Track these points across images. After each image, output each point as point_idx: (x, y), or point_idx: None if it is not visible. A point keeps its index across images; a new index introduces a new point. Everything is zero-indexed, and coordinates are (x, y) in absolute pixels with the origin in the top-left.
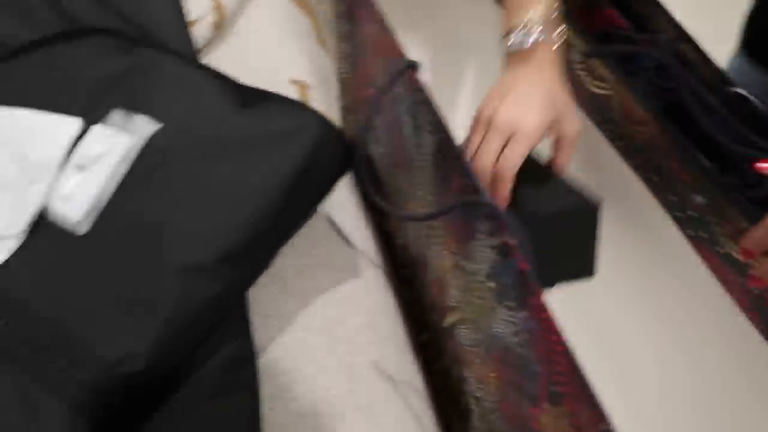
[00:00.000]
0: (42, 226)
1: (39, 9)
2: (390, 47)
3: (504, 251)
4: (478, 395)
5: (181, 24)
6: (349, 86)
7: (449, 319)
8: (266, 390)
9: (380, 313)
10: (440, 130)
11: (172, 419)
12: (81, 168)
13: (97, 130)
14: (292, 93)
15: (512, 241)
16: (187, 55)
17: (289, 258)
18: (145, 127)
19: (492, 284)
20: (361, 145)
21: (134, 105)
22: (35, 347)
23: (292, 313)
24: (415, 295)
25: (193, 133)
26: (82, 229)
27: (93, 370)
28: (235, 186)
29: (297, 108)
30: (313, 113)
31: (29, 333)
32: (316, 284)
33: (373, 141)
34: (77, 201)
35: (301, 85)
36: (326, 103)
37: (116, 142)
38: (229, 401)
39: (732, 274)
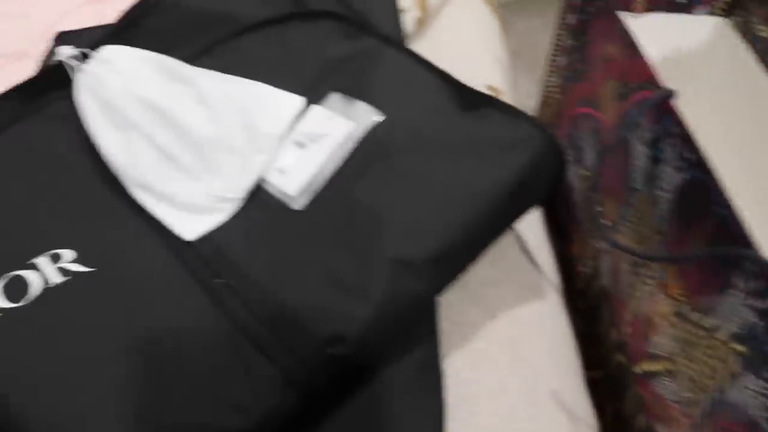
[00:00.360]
0: (258, 196)
1: None
2: (638, 71)
3: None
4: None
5: (395, 16)
6: (555, 101)
7: (647, 366)
8: (449, 398)
9: (561, 340)
10: (698, 167)
11: (361, 411)
12: (300, 145)
13: (318, 110)
14: None
15: None
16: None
17: (476, 268)
18: (366, 115)
19: (741, 348)
20: None
21: (356, 91)
22: (250, 310)
23: (477, 323)
24: (593, 329)
25: (415, 128)
26: (298, 204)
27: (304, 344)
28: (453, 188)
29: (521, 117)
30: (537, 125)
31: (245, 296)
32: (500, 298)
33: (573, 161)
34: (294, 176)
35: (496, 92)
36: None
37: (337, 126)
38: (418, 404)
39: None
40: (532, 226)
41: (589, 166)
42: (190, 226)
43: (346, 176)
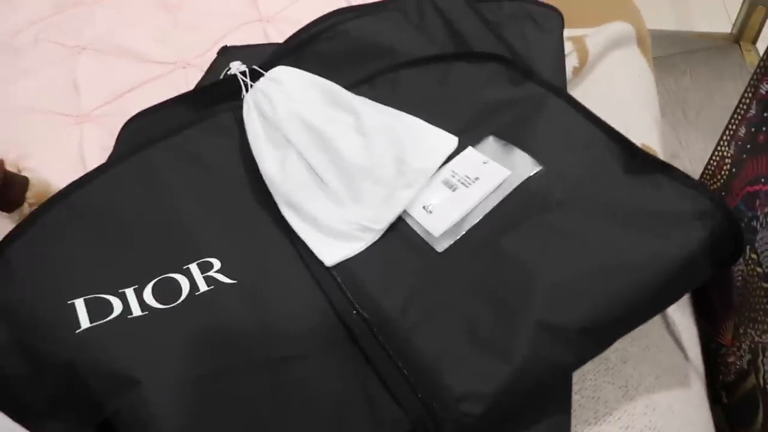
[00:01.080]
0: (400, 231)
1: (437, 28)
2: None
3: None
4: None
5: (560, 63)
6: (724, 172)
7: None
8: None
9: None
10: None
11: None
12: (450, 185)
13: (472, 153)
14: None
15: None
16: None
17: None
18: (524, 163)
19: None
20: None
21: (516, 138)
22: (382, 347)
23: (612, 402)
24: (739, 428)
25: (577, 185)
26: (440, 246)
27: (436, 394)
28: (613, 256)
29: (698, 188)
30: (715, 198)
31: (378, 330)
32: (640, 378)
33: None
34: (440, 216)
35: (650, 152)
36: None
37: (491, 171)
38: None
39: None
40: (679, 304)
41: (762, 251)
42: (330, 251)
43: (495, 226)
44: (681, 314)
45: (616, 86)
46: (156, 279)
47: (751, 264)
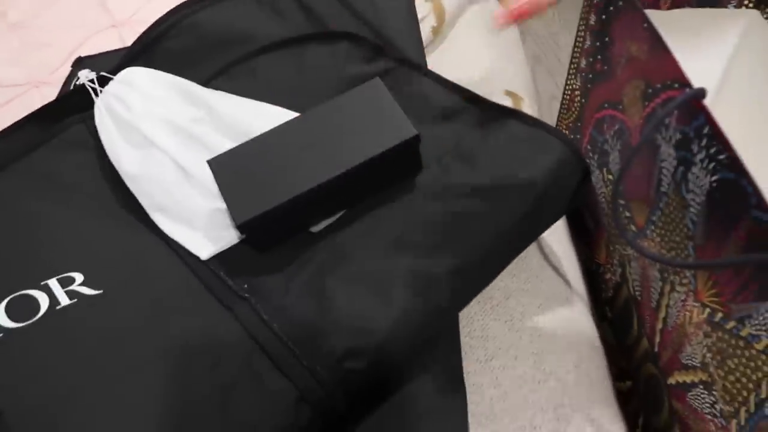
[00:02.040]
0: None
1: (291, 9)
2: (665, 69)
3: None
4: None
5: (415, 31)
6: (577, 104)
7: (680, 377)
8: (472, 416)
9: (589, 352)
10: (731, 168)
11: (389, 428)
12: None
13: None
14: (506, 104)
15: None
16: (422, 63)
17: (497, 279)
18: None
19: None
20: None
21: None
22: (265, 324)
23: (499, 337)
24: (623, 339)
25: (434, 145)
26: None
27: (319, 358)
28: (474, 199)
29: (541, 126)
30: (558, 133)
31: (260, 310)
32: (524, 311)
33: (598, 165)
34: None
35: (515, 98)
36: (537, 117)
37: None
38: (441, 423)
39: None
40: (555, 233)
41: (615, 170)
42: (204, 244)
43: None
44: (558, 243)
45: (476, 39)
46: (9, 297)
47: (609, 184)
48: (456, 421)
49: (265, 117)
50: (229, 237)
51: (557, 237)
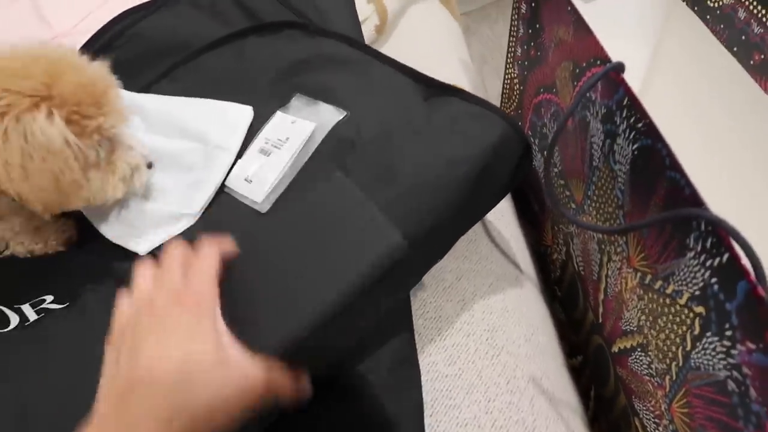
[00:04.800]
0: (229, 205)
1: (230, 11)
2: (588, 48)
3: (727, 273)
4: (654, 431)
5: (356, 30)
6: (516, 92)
7: (622, 344)
8: (427, 394)
9: (539, 327)
10: (648, 135)
11: (337, 410)
12: (264, 152)
13: (280, 116)
14: None
15: (743, 262)
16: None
17: (448, 261)
18: (330, 113)
19: (700, 309)
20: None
21: (318, 93)
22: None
23: (452, 317)
24: (572, 315)
25: (380, 121)
26: (264, 208)
27: (260, 335)
28: (419, 179)
29: (482, 104)
30: (498, 110)
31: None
32: (475, 290)
33: (539, 150)
34: (259, 183)
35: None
36: None
37: (299, 129)
38: (396, 401)
39: None
40: (503, 218)
41: (551, 156)
42: (144, 240)
43: (310, 175)
44: (506, 225)
45: (420, 38)
46: None
47: (549, 167)
48: (411, 398)
49: (203, 111)
50: (171, 230)
51: (505, 222)
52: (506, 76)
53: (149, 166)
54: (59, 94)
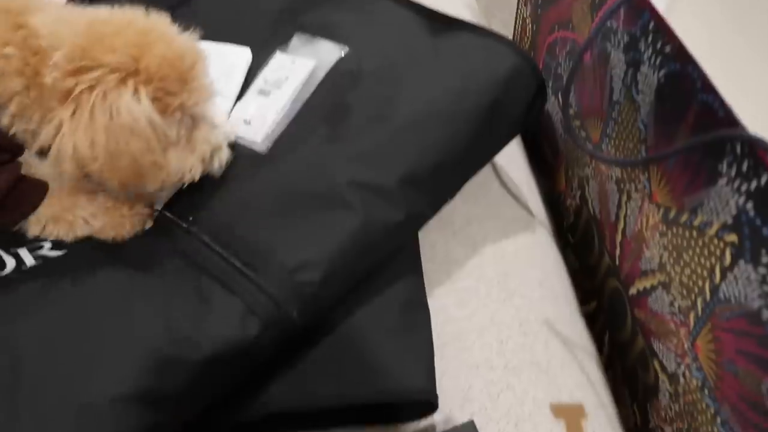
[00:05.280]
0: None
1: None
2: None
3: (765, 196)
4: (675, 371)
5: None
6: (528, 32)
7: (641, 284)
8: (438, 337)
9: (552, 271)
10: (677, 59)
11: (346, 350)
12: (264, 93)
13: (279, 56)
14: None
15: None
16: None
17: (458, 205)
18: (330, 50)
19: (732, 238)
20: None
21: (319, 30)
22: (213, 250)
23: (462, 261)
24: (586, 261)
25: (384, 56)
26: (264, 148)
27: (269, 273)
28: (425, 111)
29: (493, 36)
30: (509, 42)
31: (210, 235)
32: (485, 234)
33: (552, 92)
34: (258, 124)
35: None
36: None
37: (298, 67)
38: (405, 341)
39: None
40: (514, 162)
41: (569, 92)
42: None
43: (312, 113)
44: (518, 170)
45: None
46: None
47: (564, 109)
48: (421, 339)
49: None
50: None
51: (516, 167)
52: (518, 17)
53: (231, 147)
54: (146, 69)
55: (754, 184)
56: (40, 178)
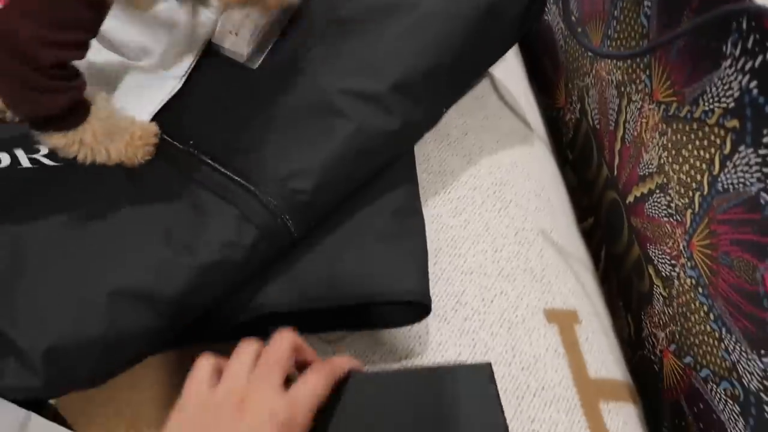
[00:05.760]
0: (216, 62)
1: None
2: None
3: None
4: (670, 274)
5: None
6: None
7: (638, 191)
8: (432, 244)
9: (549, 183)
10: None
11: (340, 252)
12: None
13: None
14: None
15: None
16: None
17: (453, 117)
18: None
19: (732, 124)
20: None
21: None
22: (207, 165)
23: (458, 171)
24: (582, 177)
25: None
26: (252, 61)
27: (263, 182)
28: (418, 15)
29: None
30: None
31: (207, 154)
32: (481, 145)
33: (553, 2)
34: (245, 35)
35: None
36: None
37: None
38: (399, 246)
39: None
40: (513, 75)
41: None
42: (144, 108)
43: (302, 23)
44: (516, 84)
45: None
46: None
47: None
48: (415, 244)
49: None
50: (163, 95)
51: (515, 81)
52: None
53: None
54: None
55: (759, 60)
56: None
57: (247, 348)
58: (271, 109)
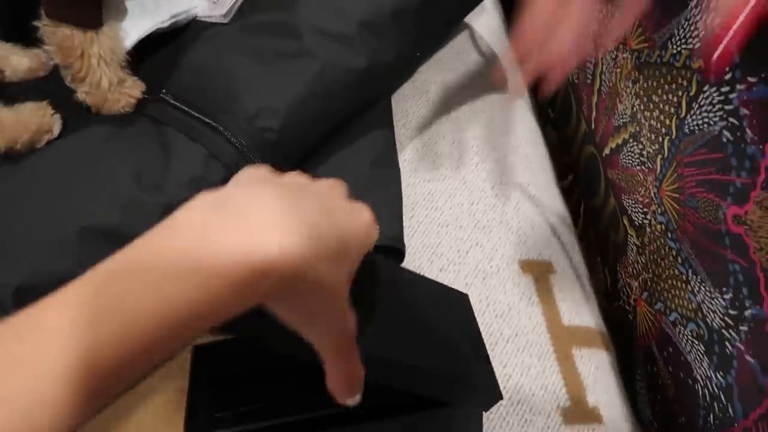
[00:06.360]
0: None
1: None
2: None
3: None
4: (642, 222)
5: None
6: None
7: (613, 142)
8: (409, 198)
9: (529, 140)
10: None
11: None
12: None
13: None
14: None
15: None
16: None
17: (432, 73)
18: None
19: (697, 64)
20: None
21: None
22: (177, 108)
23: (436, 127)
24: (562, 134)
25: None
26: (227, 18)
27: (230, 121)
28: None
29: None
30: None
31: (175, 98)
32: (461, 102)
33: None
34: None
35: None
36: None
37: None
38: (374, 195)
39: None
40: (494, 34)
41: None
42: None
43: None
44: (497, 42)
45: None
46: None
47: None
48: (391, 193)
49: None
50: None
51: (496, 39)
52: None
53: None
54: None
55: None
56: None
57: None
58: (238, 51)
